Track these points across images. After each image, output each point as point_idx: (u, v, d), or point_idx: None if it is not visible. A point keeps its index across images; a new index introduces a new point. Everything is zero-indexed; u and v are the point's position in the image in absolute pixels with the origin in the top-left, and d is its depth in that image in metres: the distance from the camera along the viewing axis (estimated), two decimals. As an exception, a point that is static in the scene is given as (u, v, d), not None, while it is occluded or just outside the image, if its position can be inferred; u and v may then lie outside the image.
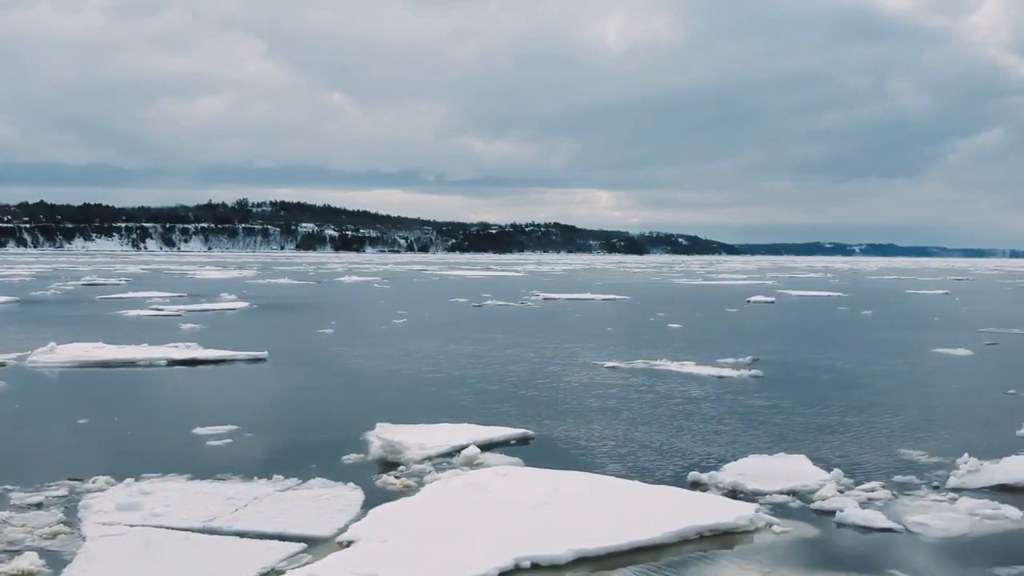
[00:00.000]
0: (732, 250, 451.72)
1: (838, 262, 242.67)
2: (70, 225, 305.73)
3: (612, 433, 13.03)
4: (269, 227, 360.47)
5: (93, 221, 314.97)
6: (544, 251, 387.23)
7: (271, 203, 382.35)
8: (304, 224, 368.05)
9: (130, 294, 48.54)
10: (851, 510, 9.00)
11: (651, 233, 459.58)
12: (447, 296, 50.93)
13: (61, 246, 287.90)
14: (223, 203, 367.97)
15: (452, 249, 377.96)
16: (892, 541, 8.44)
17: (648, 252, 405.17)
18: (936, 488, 10.16)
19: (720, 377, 19.07)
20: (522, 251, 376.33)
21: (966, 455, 11.12)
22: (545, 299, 49.98)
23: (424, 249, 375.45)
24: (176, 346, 22.57)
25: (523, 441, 12.47)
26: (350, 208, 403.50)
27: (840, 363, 21.81)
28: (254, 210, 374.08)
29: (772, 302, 49.14)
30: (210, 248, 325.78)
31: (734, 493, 9.80)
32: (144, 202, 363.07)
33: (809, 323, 35.46)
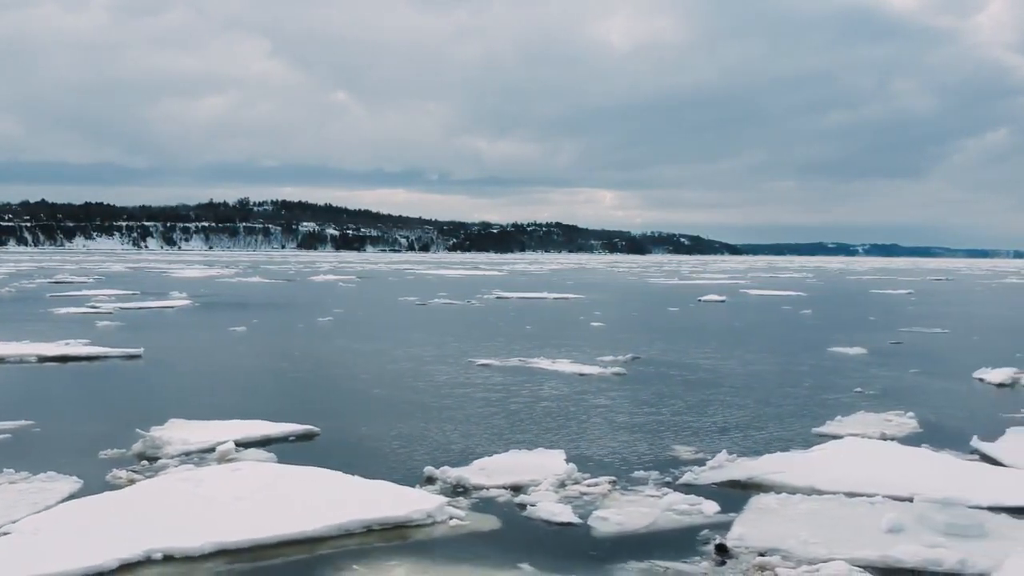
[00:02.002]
0: (734, 250, 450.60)
1: (835, 262, 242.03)
2: (71, 224, 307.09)
3: (399, 430, 13.12)
4: (270, 226, 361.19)
5: (94, 220, 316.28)
6: (545, 251, 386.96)
7: (272, 202, 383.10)
8: (305, 223, 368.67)
9: (84, 292, 48.78)
10: (543, 504, 9.09)
11: (653, 233, 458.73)
12: (401, 295, 51.02)
13: (62, 245, 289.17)
14: (224, 202, 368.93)
15: (453, 248, 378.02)
16: (561, 534, 8.53)
17: (650, 252, 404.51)
18: (668, 484, 10.22)
19: (580, 375, 19.14)
20: (523, 251, 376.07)
21: (724, 452, 11.23)
22: (497, 298, 50.07)
23: (425, 248, 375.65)
24: (67, 343, 22.82)
25: (304, 437, 12.56)
26: (351, 207, 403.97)
27: (720, 362, 21.83)
28: (255, 209, 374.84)
29: (722, 301, 49.09)
30: (211, 247, 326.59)
31: (454, 488, 9.88)
32: (148, 201, 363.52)
33: (735, 322, 35.43)
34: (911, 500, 9.28)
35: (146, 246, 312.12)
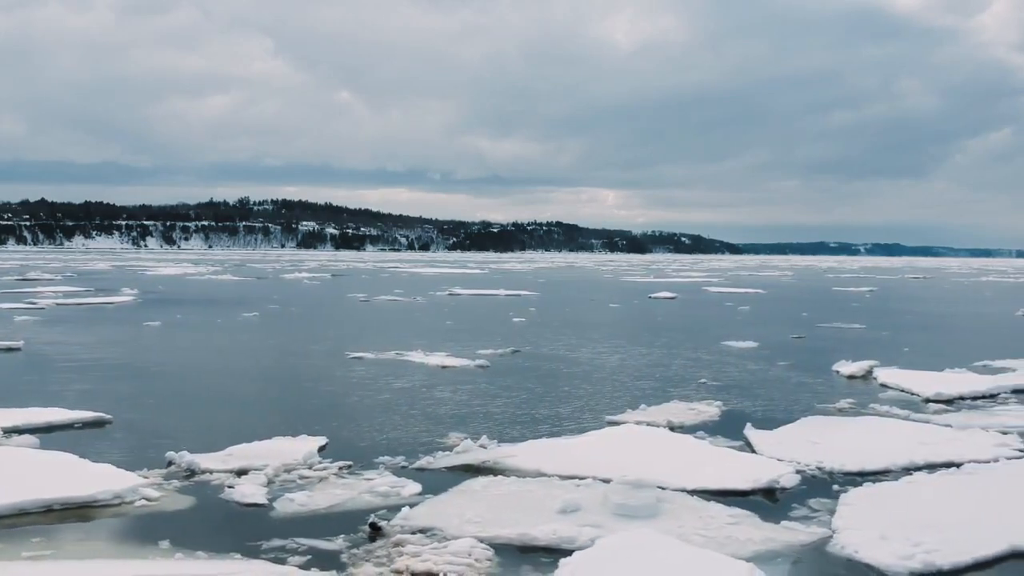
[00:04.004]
0: (735, 249, 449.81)
1: (830, 261, 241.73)
2: (70, 223, 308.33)
3: (188, 418, 13.43)
4: (270, 225, 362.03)
5: (93, 219, 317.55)
6: (546, 250, 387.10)
7: (272, 201, 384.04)
8: (305, 222, 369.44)
9: (40, 289, 49.12)
10: (241, 488, 9.34)
11: (654, 232, 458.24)
12: (355, 292, 51.23)
13: (61, 244, 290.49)
14: (224, 201, 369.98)
15: (453, 247, 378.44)
16: (239, 514, 8.80)
17: (650, 251, 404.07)
18: (401, 468, 10.44)
19: (442, 367, 19.37)
20: (523, 250, 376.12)
21: (468, 440, 11.42)
22: (449, 295, 50.33)
23: (425, 248, 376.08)
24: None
25: (93, 424, 12.77)
26: (352, 207, 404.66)
27: (599, 355, 22.00)
28: (256, 208, 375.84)
29: (672, 299, 49.28)
30: (210, 246, 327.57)
31: (184, 472, 10.11)
32: (151, 200, 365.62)
33: (659, 318, 35.56)
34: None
35: (145, 245, 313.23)
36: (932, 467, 10.62)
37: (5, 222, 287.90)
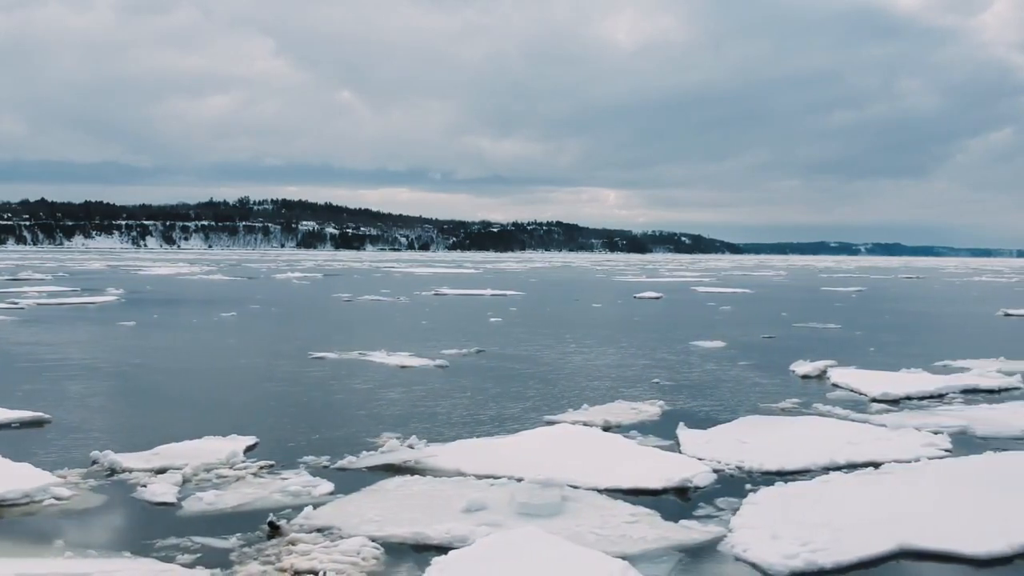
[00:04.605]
0: (736, 249, 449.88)
1: (828, 261, 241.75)
2: (70, 223, 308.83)
3: (127, 416, 13.49)
4: (270, 225, 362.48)
5: (93, 219, 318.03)
6: (546, 250, 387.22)
7: (272, 201, 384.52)
8: (305, 222, 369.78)
9: (26, 289, 49.28)
10: (153, 487, 9.43)
11: (655, 232, 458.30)
12: (340, 292, 51.29)
13: (61, 244, 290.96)
14: (224, 201, 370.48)
15: (453, 247, 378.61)
16: (145, 512, 8.88)
17: (651, 251, 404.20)
18: (323, 468, 10.50)
19: (402, 367, 19.44)
20: (523, 250, 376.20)
21: (395, 440, 11.50)
22: (435, 295, 50.42)
23: (425, 247, 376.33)
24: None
25: (31, 424, 12.82)
26: (352, 207, 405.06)
27: (560, 356, 22.03)
28: (255, 208, 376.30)
29: (657, 299, 49.33)
30: (210, 246, 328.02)
31: (106, 471, 10.17)
32: (152, 200, 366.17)
33: (637, 317, 35.61)
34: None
35: (145, 245, 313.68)
36: (852, 467, 10.66)
37: (5, 222, 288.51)
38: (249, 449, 11.35)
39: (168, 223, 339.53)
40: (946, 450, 11.61)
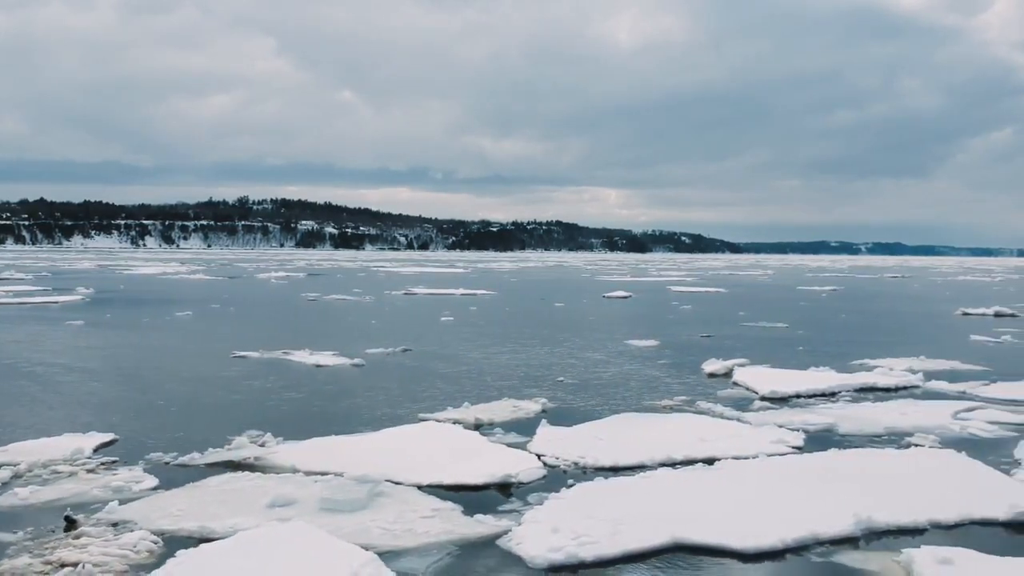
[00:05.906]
0: (736, 249, 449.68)
1: (824, 260, 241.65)
2: (69, 223, 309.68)
3: (4, 416, 13.65)
4: (269, 224, 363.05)
5: (92, 219, 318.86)
6: (546, 249, 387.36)
7: (272, 200, 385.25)
8: (304, 222, 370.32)
9: (-2, 289, 49.62)
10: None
11: (655, 232, 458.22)
12: (309, 292, 51.49)
13: (60, 243, 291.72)
14: (224, 200, 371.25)
15: (453, 247, 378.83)
16: None
17: (651, 250, 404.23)
18: (164, 464, 10.67)
19: (318, 366, 19.63)
20: (523, 249, 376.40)
21: (242, 438, 11.67)
22: (405, 294, 50.65)
23: (424, 247, 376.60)
24: None
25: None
26: (352, 206, 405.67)
27: (483, 355, 22.16)
28: (255, 207, 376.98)
29: (626, 298, 49.50)
30: (209, 245, 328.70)
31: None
32: (152, 200, 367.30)
33: (592, 317, 35.72)
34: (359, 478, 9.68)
35: (144, 245, 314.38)
36: (689, 463, 10.80)
37: (4, 222, 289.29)
38: (104, 446, 11.53)
39: (167, 223, 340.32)
40: (794, 447, 11.75)
